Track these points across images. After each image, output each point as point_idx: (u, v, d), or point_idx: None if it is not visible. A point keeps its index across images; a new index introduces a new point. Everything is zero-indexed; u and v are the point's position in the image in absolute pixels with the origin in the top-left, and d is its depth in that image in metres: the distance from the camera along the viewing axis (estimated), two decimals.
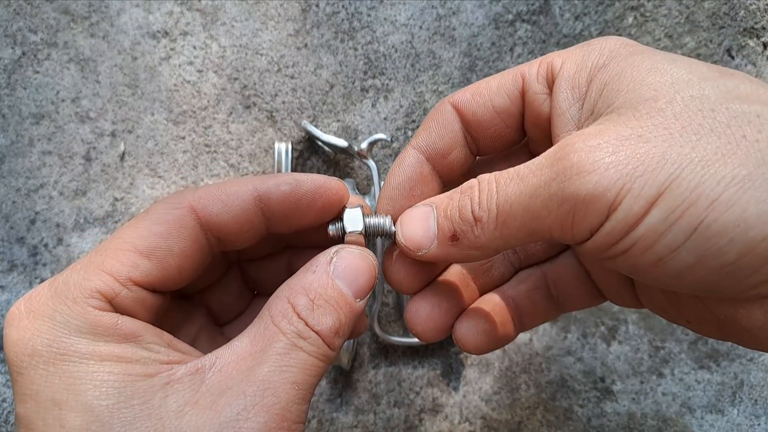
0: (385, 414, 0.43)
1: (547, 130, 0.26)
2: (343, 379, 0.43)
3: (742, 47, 0.46)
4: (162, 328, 0.24)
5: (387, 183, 0.29)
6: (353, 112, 0.45)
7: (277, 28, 0.45)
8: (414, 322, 0.30)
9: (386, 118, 0.45)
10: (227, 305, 0.31)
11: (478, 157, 0.30)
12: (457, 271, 0.31)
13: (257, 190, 0.26)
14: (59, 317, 0.22)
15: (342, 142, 0.42)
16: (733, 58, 0.46)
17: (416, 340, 0.43)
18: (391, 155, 0.45)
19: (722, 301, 0.22)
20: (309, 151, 0.45)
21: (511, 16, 0.46)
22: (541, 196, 0.21)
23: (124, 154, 0.44)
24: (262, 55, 0.45)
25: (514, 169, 0.23)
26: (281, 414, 0.22)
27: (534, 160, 0.22)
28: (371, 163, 0.43)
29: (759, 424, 0.44)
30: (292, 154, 0.44)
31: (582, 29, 0.46)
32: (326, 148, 0.44)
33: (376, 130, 0.45)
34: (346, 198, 0.27)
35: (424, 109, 0.45)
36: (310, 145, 0.45)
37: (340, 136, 0.44)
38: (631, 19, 0.46)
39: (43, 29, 0.45)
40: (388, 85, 0.45)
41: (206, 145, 0.45)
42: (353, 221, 0.27)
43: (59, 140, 0.44)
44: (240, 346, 0.23)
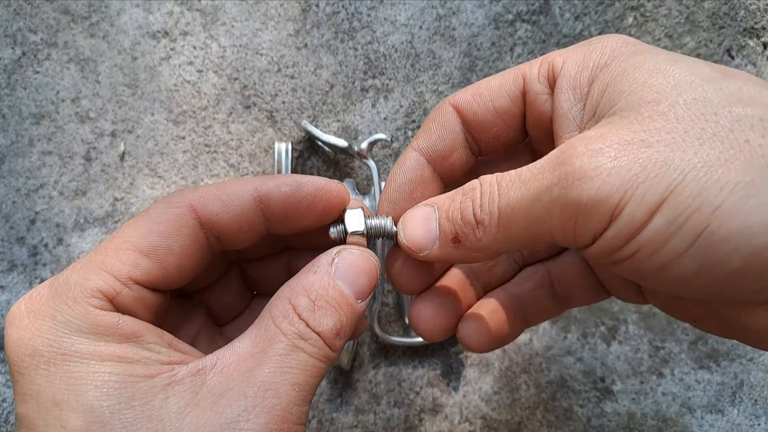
0: (385, 414, 0.43)
1: (549, 130, 0.26)
2: (343, 379, 0.43)
3: (742, 47, 0.46)
4: (162, 328, 0.24)
5: (388, 185, 0.29)
6: (353, 112, 0.45)
7: (277, 28, 0.45)
8: (418, 323, 0.30)
9: (386, 118, 0.45)
10: (227, 305, 0.31)
11: (479, 157, 0.30)
12: (460, 270, 0.31)
13: (257, 191, 0.25)
14: (60, 317, 0.22)
15: (342, 142, 0.42)
16: (733, 58, 0.46)
17: (416, 340, 0.43)
18: (391, 155, 0.45)
19: (727, 304, 0.22)
20: (309, 151, 0.45)
21: (511, 16, 0.46)
22: (544, 200, 0.21)
23: (124, 154, 0.44)
24: (262, 55, 0.45)
25: (516, 172, 0.23)
26: (282, 415, 0.22)
27: (536, 163, 0.22)
28: (371, 163, 0.43)
29: (759, 424, 0.44)
30: (292, 154, 0.44)
31: (582, 29, 0.46)
32: (326, 148, 0.44)
33: (376, 130, 0.45)
34: (347, 201, 0.27)
35: (424, 109, 0.45)
36: (310, 145, 0.45)
37: (340, 136, 0.44)
38: (631, 19, 0.46)
39: (43, 29, 0.45)
40: (388, 85, 0.45)
41: (206, 145, 0.45)
42: (355, 222, 0.27)
43: (59, 140, 0.44)
44: (241, 347, 0.23)
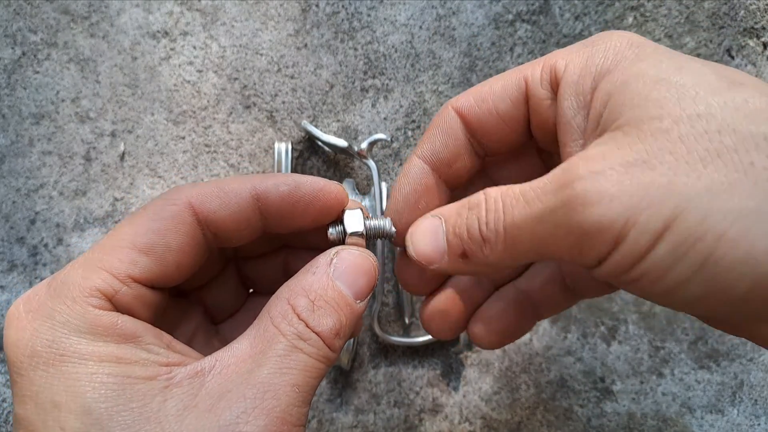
0: (385, 414, 0.43)
1: (553, 133, 0.26)
2: (343, 379, 0.43)
3: (742, 47, 0.46)
4: (160, 326, 0.24)
5: (393, 196, 0.29)
6: (353, 112, 0.45)
7: (277, 28, 0.45)
8: (430, 323, 0.30)
9: (386, 118, 0.45)
10: (223, 303, 0.31)
11: (485, 158, 0.30)
12: None
13: (256, 189, 0.26)
14: (59, 317, 0.21)
15: (342, 142, 0.42)
16: (733, 58, 0.46)
17: (416, 340, 0.43)
18: (391, 155, 0.45)
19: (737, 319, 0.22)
20: (309, 151, 0.45)
21: (511, 16, 0.46)
22: (548, 223, 0.21)
23: (124, 154, 0.44)
24: (262, 55, 0.45)
25: (520, 189, 0.22)
26: (281, 417, 0.22)
27: (539, 182, 0.22)
28: (371, 163, 0.43)
29: (759, 424, 0.44)
30: (292, 154, 0.44)
31: (582, 29, 0.46)
32: (326, 148, 0.44)
33: (376, 130, 0.45)
34: (345, 202, 0.27)
35: (424, 109, 0.45)
36: (310, 145, 0.45)
37: (340, 136, 0.44)
38: (631, 19, 0.46)
39: (43, 29, 0.45)
40: (388, 85, 0.45)
41: (206, 145, 0.45)
42: (354, 223, 0.27)
43: (59, 140, 0.44)
44: (240, 349, 0.23)
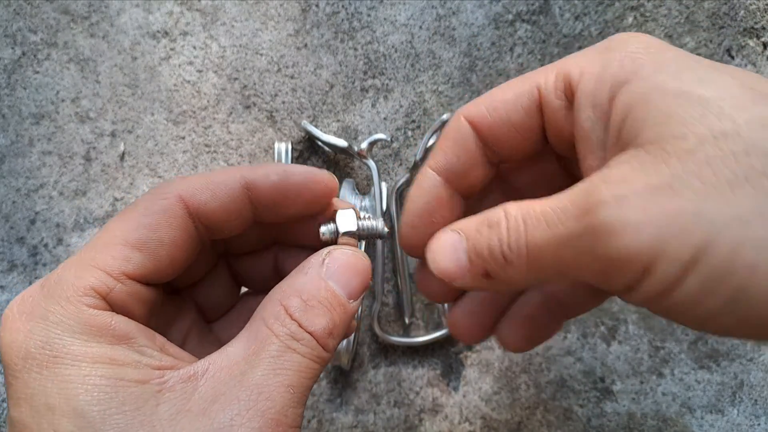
0: (385, 414, 0.43)
1: (570, 142, 0.25)
2: (343, 379, 0.43)
3: (742, 47, 0.46)
4: (155, 326, 0.24)
5: (407, 209, 0.28)
6: (353, 112, 0.45)
7: (277, 28, 0.45)
8: (457, 329, 0.30)
9: (386, 118, 0.45)
10: (216, 301, 0.31)
11: (501, 165, 0.29)
12: None
13: (245, 179, 0.26)
14: (52, 317, 0.21)
15: (342, 142, 0.42)
16: (733, 58, 0.46)
17: (416, 339, 0.43)
18: (391, 155, 0.45)
19: None
20: (309, 151, 0.45)
21: (511, 16, 0.46)
22: (572, 248, 0.20)
23: (124, 154, 0.44)
24: (262, 55, 0.45)
25: (541, 209, 0.22)
26: (276, 418, 0.21)
27: (560, 202, 0.21)
28: (371, 163, 0.43)
29: (759, 424, 0.44)
30: (292, 154, 0.44)
31: (582, 29, 0.46)
32: (326, 148, 0.44)
33: (376, 130, 0.45)
34: (336, 190, 0.27)
35: (424, 109, 0.45)
36: (310, 145, 0.45)
37: (340, 136, 0.44)
38: (631, 19, 0.46)
39: (43, 29, 0.45)
40: (388, 85, 0.45)
41: (206, 145, 0.45)
42: (346, 223, 0.26)
43: (59, 140, 0.44)
44: (232, 351, 0.23)
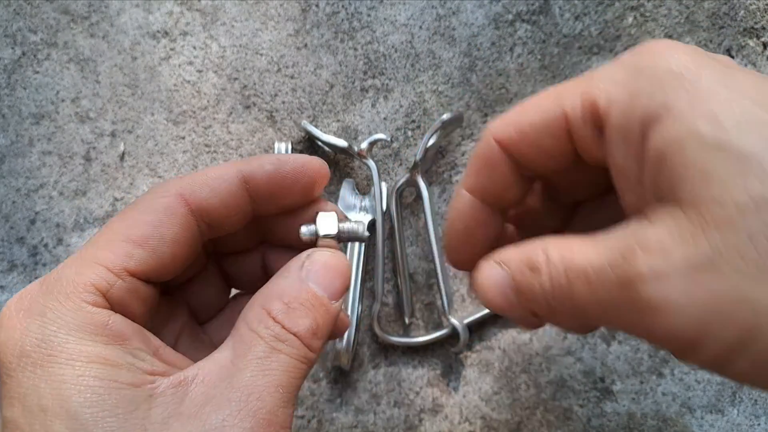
0: (385, 414, 0.43)
1: (605, 164, 0.24)
2: (343, 379, 0.43)
3: (742, 47, 0.46)
4: (151, 326, 0.24)
5: (447, 233, 0.28)
6: (353, 112, 0.45)
7: (277, 28, 0.45)
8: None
9: (386, 118, 0.45)
10: (207, 301, 0.31)
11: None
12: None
13: (242, 172, 0.26)
14: (50, 314, 0.21)
15: (342, 142, 0.42)
16: (733, 58, 0.46)
17: (416, 339, 0.43)
18: (391, 155, 0.45)
19: None
20: (309, 151, 0.45)
21: (511, 16, 0.46)
22: (616, 313, 0.20)
23: (124, 154, 0.44)
24: (262, 55, 0.45)
25: (581, 264, 0.21)
26: (267, 418, 0.22)
27: (600, 262, 0.20)
28: (371, 163, 0.43)
29: (759, 424, 0.44)
30: None
31: (582, 29, 0.46)
32: (326, 148, 0.44)
33: (376, 130, 0.45)
34: (328, 176, 0.27)
35: (424, 109, 0.45)
36: (310, 145, 0.45)
37: (340, 136, 0.44)
38: (631, 19, 0.46)
39: (43, 29, 0.45)
40: (388, 85, 0.45)
41: (206, 145, 0.45)
42: (327, 225, 0.27)
43: (59, 140, 0.44)
44: (220, 356, 0.23)
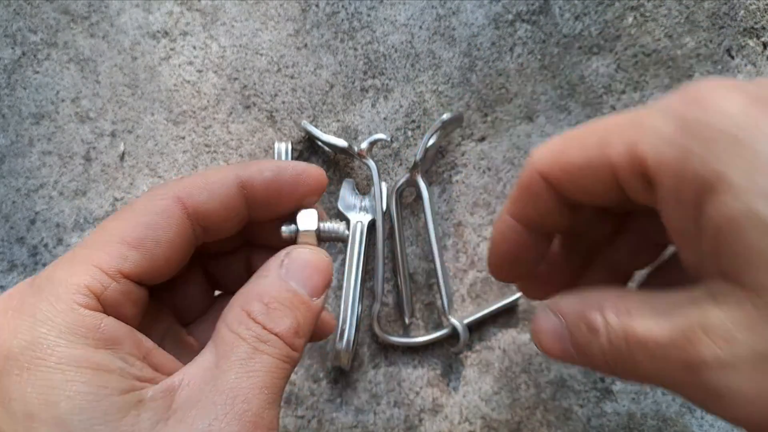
0: (385, 414, 0.43)
1: (657, 213, 0.23)
2: (343, 379, 0.43)
3: (742, 47, 0.46)
4: (140, 328, 0.24)
5: (490, 253, 0.28)
6: (353, 112, 0.45)
7: (277, 28, 0.45)
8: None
9: (386, 118, 0.45)
10: (192, 303, 0.30)
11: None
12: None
13: (240, 177, 0.26)
14: (40, 315, 0.21)
15: (342, 142, 0.42)
16: (733, 58, 0.46)
17: (416, 339, 0.43)
18: (391, 155, 0.45)
19: None
20: (309, 151, 0.45)
21: (511, 16, 0.46)
22: (679, 385, 0.20)
23: (124, 154, 0.44)
24: (262, 55, 0.45)
25: (642, 335, 0.20)
26: (253, 421, 0.21)
27: (662, 336, 0.20)
28: (371, 163, 0.43)
29: None
30: (292, 154, 0.44)
31: (582, 29, 0.46)
32: (326, 148, 0.44)
33: (376, 130, 0.45)
34: (325, 185, 0.27)
35: (424, 109, 0.45)
36: (310, 145, 0.45)
37: (340, 136, 0.44)
38: (630, 19, 0.46)
39: (43, 29, 0.45)
40: (388, 85, 0.45)
41: (206, 145, 0.45)
42: (307, 222, 0.27)
43: (59, 140, 0.44)
44: (203, 360, 0.23)
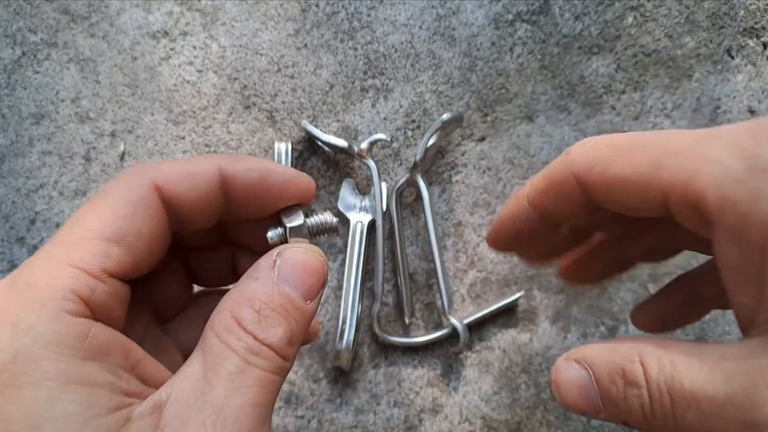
0: (385, 414, 0.43)
1: (709, 245, 0.22)
2: (343, 379, 0.43)
3: (742, 47, 0.46)
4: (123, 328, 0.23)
5: (495, 226, 0.28)
6: (353, 112, 0.45)
7: (277, 28, 0.45)
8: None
9: (386, 118, 0.45)
10: (170, 299, 0.28)
11: None
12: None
13: (224, 172, 0.24)
14: (23, 324, 0.19)
15: (342, 142, 0.42)
16: (733, 58, 0.46)
17: (416, 339, 0.43)
18: (391, 155, 0.45)
19: None
20: (309, 151, 0.45)
21: (511, 16, 0.46)
22: None
23: (124, 154, 0.44)
24: (262, 55, 0.45)
25: (690, 390, 0.20)
26: None
27: (715, 392, 0.19)
28: (371, 163, 0.42)
29: None
30: (292, 154, 0.44)
31: (582, 29, 0.46)
32: (326, 148, 0.44)
33: (376, 130, 0.45)
34: (313, 195, 0.26)
35: (424, 109, 0.45)
36: (310, 145, 0.45)
37: (340, 136, 0.44)
38: (630, 19, 0.46)
39: (43, 29, 0.45)
40: (387, 85, 0.45)
41: (206, 145, 0.45)
42: (292, 219, 0.25)
43: (59, 140, 0.44)
44: (190, 372, 0.21)
